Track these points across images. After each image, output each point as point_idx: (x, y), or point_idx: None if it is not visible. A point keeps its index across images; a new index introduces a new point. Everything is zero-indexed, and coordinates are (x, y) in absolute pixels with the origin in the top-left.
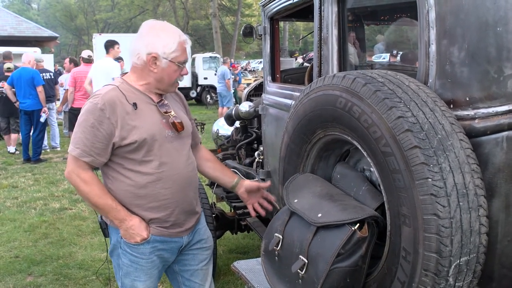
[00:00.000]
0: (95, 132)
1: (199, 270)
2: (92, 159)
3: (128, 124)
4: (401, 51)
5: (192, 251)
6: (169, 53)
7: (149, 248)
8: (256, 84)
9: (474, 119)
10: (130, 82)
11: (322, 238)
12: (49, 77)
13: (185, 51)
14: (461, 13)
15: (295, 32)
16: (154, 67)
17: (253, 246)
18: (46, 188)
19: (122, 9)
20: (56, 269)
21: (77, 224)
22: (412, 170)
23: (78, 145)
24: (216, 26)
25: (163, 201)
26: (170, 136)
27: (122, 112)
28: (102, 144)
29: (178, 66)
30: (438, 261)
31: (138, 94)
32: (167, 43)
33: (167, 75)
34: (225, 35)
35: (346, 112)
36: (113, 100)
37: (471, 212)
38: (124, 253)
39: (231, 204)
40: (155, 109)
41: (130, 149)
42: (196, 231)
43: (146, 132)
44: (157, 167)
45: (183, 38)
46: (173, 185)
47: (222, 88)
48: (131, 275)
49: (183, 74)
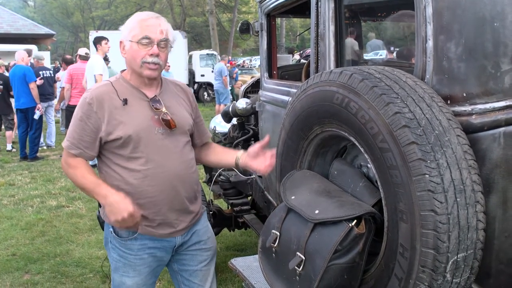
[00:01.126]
0: (83, 126)
1: (198, 270)
2: (80, 152)
3: (115, 119)
4: (397, 47)
5: (191, 252)
6: (128, 34)
7: (138, 244)
8: (253, 81)
9: (471, 115)
10: (125, 77)
11: (319, 234)
12: (48, 75)
13: (145, 28)
14: (458, 8)
15: (292, 29)
16: (124, 52)
17: (250, 243)
18: (43, 186)
19: (118, 6)
20: (53, 267)
21: (74, 221)
22: (409, 166)
23: (69, 138)
24: (213, 23)
25: (149, 198)
26: (160, 133)
27: (110, 107)
28: (89, 137)
29: (139, 44)
30: (436, 257)
31: (131, 90)
32: (127, 25)
33: (131, 56)
34: (222, 32)
35: (343, 108)
36: (102, 95)
37: (468, 208)
38: (114, 247)
39: (228, 201)
40: (147, 105)
41: (117, 145)
42: (194, 232)
43: (132, 129)
44: (143, 164)
45: (144, 17)
46: (160, 182)
47: (219, 85)
48: (120, 270)
49: (152, 54)
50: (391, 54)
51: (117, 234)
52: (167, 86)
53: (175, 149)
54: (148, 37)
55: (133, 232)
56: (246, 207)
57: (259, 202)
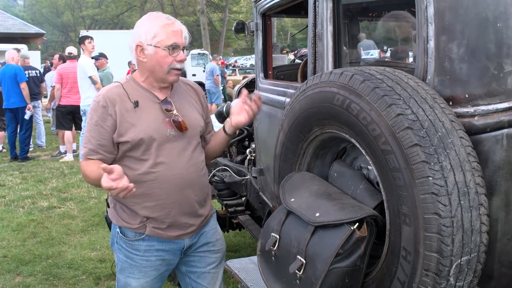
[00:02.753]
0: (99, 130)
1: (207, 273)
2: (100, 157)
3: (127, 122)
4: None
5: (199, 253)
6: (152, 39)
7: (145, 245)
8: (246, 81)
9: (473, 116)
10: (136, 79)
11: (320, 238)
12: (34, 74)
13: (172, 34)
14: (460, 8)
15: (283, 28)
16: (143, 57)
17: (244, 244)
18: (34, 187)
19: (109, 5)
20: (45, 268)
21: (66, 223)
22: (413, 169)
23: (86, 144)
24: (204, 23)
25: (158, 201)
26: (172, 136)
27: (121, 109)
28: (108, 141)
29: (166, 51)
30: (439, 261)
31: (142, 92)
32: (148, 28)
33: (156, 62)
34: (213, 31)
35: (344, 110)
36: (113, 97)
37: (472, 211)
38: (120, 248)
39: (222, 202)
40: (158, 107)
41: (127, 147)
42: (203, 233)
43: (144, 131)
44: (152, 167)
45: (166, 21)
46: (169, 185)
47: (211, 85)
48: (125, 271)
49: (179, 60)
50: (384, 53)
51: (124, 234)
52: (178, 87)
53: (185, 152)
54: (176, 43)
55: (141, 233)
56: (240, 208)
57: (254, 203)
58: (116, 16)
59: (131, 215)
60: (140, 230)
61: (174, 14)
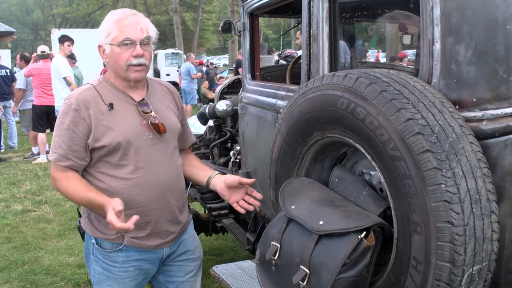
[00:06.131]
0: (71, 135)
1: (185, 282)
2: (71, 163)
3: (103, 126)
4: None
5: (178, 262)
6: (106, 37)
7: (123, 256)
8: (229, 81)
9: (481, 120)
10: (109, 79)
11: (325, 247)
12: (4, 73)
13: (125, 28)
14: (468, 9)
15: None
16: (105, 57)
17: (227, 248)
18: (7, 190)
19: (80, 3)
20: (22, 275)
21: (41, 227)
22: (424, 176)
23: (56, 150)
24: (177, 22)
25: (138, 208)
26: (150, 139)
27: (96, 112)
28: (80, 146)
29: (120, 47)
30: (452, 271)
31: (116, 93)
32: (104, 28)
33: (114, 61)
34: (186, 31)
35: (349, 114)
36: (87, 100)
37: (483, 219)
38: (96, 260)
39: (205, 206)
40: (134, 109)
41: (104, 152)
42: (182, 242)
43: (121, 135)
44: (131, 172)
45: (120, 16)
46: (149, 191)
47: (186, 85)
48: (103, 284)
49: (136, 55)
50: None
51: (100, 246)
52: (153, 87)
53: (165, 156)
54: (129, 38)
55: (118, 243)
56: (224, 212)
57: None
58: (88, 14)
59: (107, 225)
60: (118, 240)
61: (147, 13)
